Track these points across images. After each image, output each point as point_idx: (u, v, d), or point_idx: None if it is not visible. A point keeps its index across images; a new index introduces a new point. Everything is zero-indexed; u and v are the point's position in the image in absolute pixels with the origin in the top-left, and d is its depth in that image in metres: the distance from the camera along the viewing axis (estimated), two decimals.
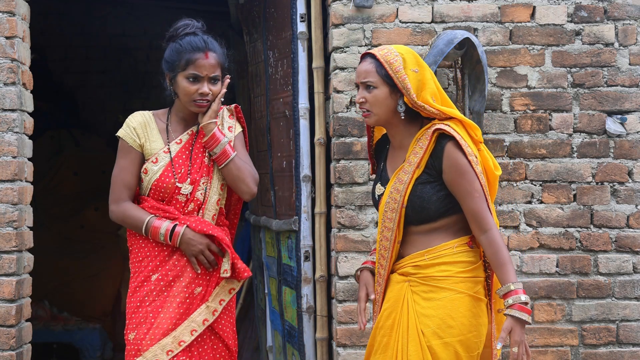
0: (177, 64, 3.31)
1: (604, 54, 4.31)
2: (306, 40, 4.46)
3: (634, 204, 4.30)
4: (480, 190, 3.02)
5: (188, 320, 3.27)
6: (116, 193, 3.38)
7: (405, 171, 3.07)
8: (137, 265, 3.35)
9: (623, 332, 4.28)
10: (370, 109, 3.10)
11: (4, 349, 3.91)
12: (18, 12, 4.03)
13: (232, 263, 3.32)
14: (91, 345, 6.78)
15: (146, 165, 3.34)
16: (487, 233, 3.01)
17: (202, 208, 3.35)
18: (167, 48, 3.38)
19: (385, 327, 3.08)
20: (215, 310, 3.32)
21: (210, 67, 3.32)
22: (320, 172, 4.42)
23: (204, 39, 3.34)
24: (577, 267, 4.28)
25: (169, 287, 3.28)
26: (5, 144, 3.96)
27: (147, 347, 3.21)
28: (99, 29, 7.97)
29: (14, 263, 3.94)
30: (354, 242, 4.22)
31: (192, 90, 3.30)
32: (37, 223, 4.34)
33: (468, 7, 4.29)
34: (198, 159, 3.36)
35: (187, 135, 3.39)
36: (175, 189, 3.31)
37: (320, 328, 4.42)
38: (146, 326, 3.24)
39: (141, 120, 3.40)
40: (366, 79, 3.09)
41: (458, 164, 3.01)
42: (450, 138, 3.02)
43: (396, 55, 3.08)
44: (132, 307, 3.31)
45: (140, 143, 3.36)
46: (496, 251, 3.00)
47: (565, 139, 4.30)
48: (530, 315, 2.95)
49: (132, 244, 3.39)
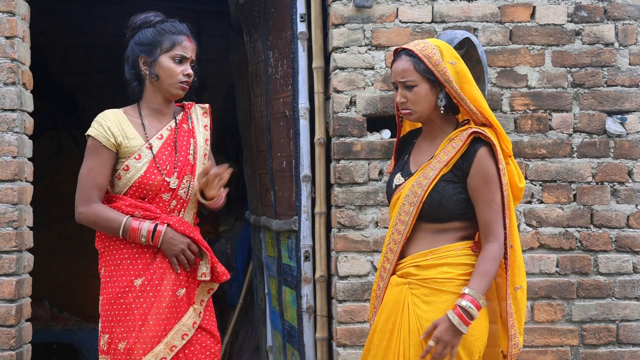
0: (160, 45, 3.27)
1: (604, 54, 4.31)
2: (306, 40, 4.46)
3: (634, 204, 4.30)
4: (500, 203, 2.99)
5: (178, 324, 3.20)
6: (85, 194, 3.24)
7: (432, 167, 3.04)
8: (115, 269, 3.22)
9: (623, 332, 4.28)
10: (412, 107, 3.06)
11: (4, 348, 3.90)
12: (18, 12, 4.03)
13: (212, 267, 3.26)
14: (91, 345, 6.77)
15: (127, 162, 3.22)
16: (490, 243, 2.99)
17: (184, 207, 3.29)
18: (140, 33, 3.33)
19: (384, 331, 3.06)
20: (200, 312, 3.28)
21: (193, 50, 3.31)
22: (320, 172, 4.42)
23: (183, 25, 3.34)
24: (577, 267, 4.28)
25: (156, 291, 3.18)
26: (5, 144, 3.96)
27: (141, 356, 3.12)
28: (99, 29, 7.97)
29: (14, 263, 3.93)
30: (354, 242, 4.22)
31: (177, 71, 3.26)
32: (37, 223, 4.34)
33: (468, 7, 4.29)
34: (182, 155, 3.30)
35: (167, 130, 3.31)
36: (163, 185, 3.23)
37: (320, 328, 4.42)
38: (136, 334, 3.14)
39: (114, 118, 3.29)
40: (405, 78, 3.04)
41: (487, 171, 2.98)
42: (485, 143, 3.00)
43: (433, 48, 3.04)
44: (117, 314, 3.19)
45: (115, 142, 3.24)
46: (486, 260, 2.98)
47: (565, 139, 4.30)
48: (467, 327, 2.90)
49: (106, 246, 3.25)
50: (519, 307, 3.07)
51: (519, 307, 3.07)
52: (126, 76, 3.36)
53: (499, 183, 2.99)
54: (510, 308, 3.03)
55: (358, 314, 4.19)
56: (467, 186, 3.02)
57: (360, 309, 4.20)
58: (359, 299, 4.21)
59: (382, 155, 4.23)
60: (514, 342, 3.03)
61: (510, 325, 3.04)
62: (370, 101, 4.24)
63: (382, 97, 4.24)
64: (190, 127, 3.39)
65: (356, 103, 4.24)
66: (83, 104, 8.11)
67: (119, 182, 3.26)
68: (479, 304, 2.93)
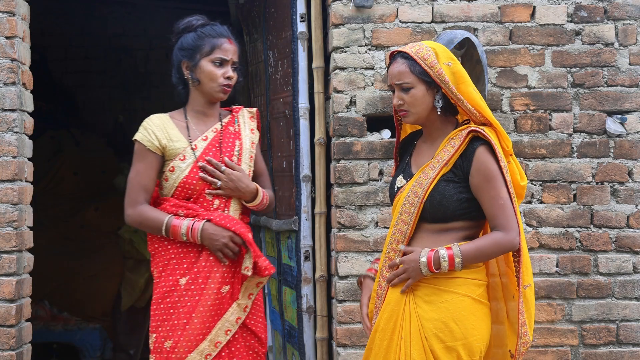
0: (201, 50, 3.33)
1: (604, 54, 4.31)
2: (306, 40, 4.46)
3: (634, 204, 4.30)
4: (507, 198, 2.98)
5: (221, 320, 3.25)
6: (132, 196, 3.33)
7: (432, 167, 3.04)
8: (163, 268, 3.31)
9: (623, 332, 4.28)
10: (409, 109, 3.08)
11: (4, 348, 3.90)
12: (18, 12, 4.03)
13: (255, 261, 3.30)
14: (91, 345, 6.77)
15: (173, 163, 3.32)
16: (500, 231, 2.97)
17: (227, 206, 3.36)
18: (182, 38, 3.39)
19: (386, 330, 3.06)
20: (246, 307, 3.32)
21: (233, 52, 3.37)
22: (320, 172, 4.42)
23: (224, 27, 3.40)
24: (577, 267, 4.28)
25: (201, 289, 3.25)
26: (5, 143, 3.96)
27: (187, 354, 3.20)
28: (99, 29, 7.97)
29: (14, 263, 3.93)
30: (354, 242, 4.22)
31: (218, 74, 3.32)
32: (37, 223, 4.34)
33: (468, 7, 4.29)
34: (226, 156, 3.37)
35: (212, 132, 3.40)
36: (206, 184, 3.31)
37: (320, 328, 4.42)
38: (181, 333, 3.21)
39: (159, 122, 3.38)
40: (401, 80, 3.05)
41: (487, 168, 2.98)
42: (483, 142, 3.00)
43: (428, 50, 3.05)
44: (163, 313, 3.27)
45: (160, 145, 3.32)
46: (486, 239, 2.99)
47: (565, 139, 4.30)
48: (428, 271, 2.97)
49: (156, 247, 3.35)
50: (529, 305, 3.07)
51: (528, 306, 3.07)
52: (173, 80, 3.43)
53: (503, 179, 2.99)
54: (522, 306, 3.02)
55: (358, 314, 4.19)
56: (469, 186, 3.02)
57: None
58: (359, 299, 4.18)
59: (382, 155, 4.23)
60: (523, 340, 3.02)
61: (521, 324, 3.02)
62: (370, 101, 4.24)
63: (382, 97, 4.24)
64: (237, 129, 3.46)
65: (356, 103, 4.24)
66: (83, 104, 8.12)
67: (166, 184, 3.35)
68: (454, 262, 2.95)
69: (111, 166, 7.35)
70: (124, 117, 7.89)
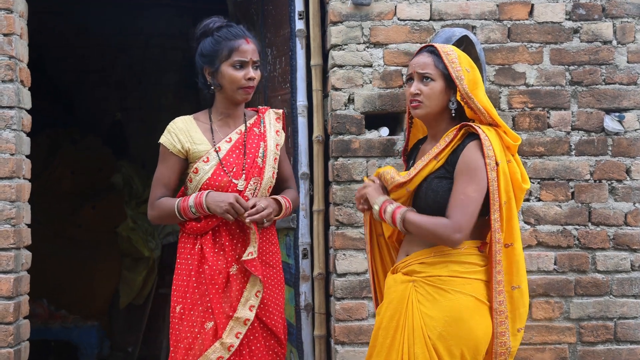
0: (219, 55, 3.34)
1: (602, 52, 4.32)
2: (304, 37, 4.46)
3: (632, 202, 4.31)
4: (472, 197, 2.96)
5: (244, 296, 3.35)
6: (153, 197, 3.44)
7: (423, 160, 3.08)
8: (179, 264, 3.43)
9: (621, 329, 4.29)
10: (424, 101, 3.11)
11: (2, 346, 3.90)
12: (16, 10, 4.02)
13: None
14: (89, 342, 6.78)
15: (197, 165, 3.36)
16: (447, 220, 2.98)
17: None
18: (201, 44, 3.40)
19: (389, 328, 3.07)
20: (252, 306, 3.35)
21: (252, 51, 3.38)
22: (318, 170, 4.42)
23: (240, 27, 3.41)
24: (575, 264, 4.29)
25: (214, 281, 3.33)
26: (3, 141, 3.96)
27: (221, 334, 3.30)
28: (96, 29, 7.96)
29: (11, 260, 3.93)
30: (352, 240, 4.22)
31: (239, 77, 3.34)
32: (34, 221, 4.33)
33: (466, 4, 4.29)
34: (250, 158, 3.40)
35: (236, 134, 3.43)
36: (230, 186, 3.34)
37: (318, 325, 4.42)
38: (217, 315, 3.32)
39: (182, 125, 3.42)
40: (424, 70, 3.10)
41: (467, 162, 2.99)
42: (476, 138, 3.02)
43: (453, 51, 3.12)
44: (195, 296, 3.36)
45: (182, 148, 3.37)
46: (430, 224, 3.00)
47: (563, 137, 4.30)
48: (378, 217, 3.09)
49: (179, 253, 3.44)
50: (515, 306, 3.06)
51: (514, 307, 3.06)
52: (199, 85, 3.46)
53: (480, 176, 2.98)
54: (501, 306, 3.02)
55: (356, 311, 4.19)
56: None
57: (359, 307, 4.20)
58: (357, 297, 4.21)
59: (380, 153, 4.23)
60: (500, 340, 3.02)
61: (498, 323, 3.02)
62: (369, 99, 4.24)
63: (380, 95, 4.24)
64: (262, 131, 3.48)
65: (354, 101, 4.24)
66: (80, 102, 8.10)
67: (191, 185, 3.40)
68: (395, 220, 3.02)
69: (108, 165, 7.34)
70: (121, 116, 7.87)
